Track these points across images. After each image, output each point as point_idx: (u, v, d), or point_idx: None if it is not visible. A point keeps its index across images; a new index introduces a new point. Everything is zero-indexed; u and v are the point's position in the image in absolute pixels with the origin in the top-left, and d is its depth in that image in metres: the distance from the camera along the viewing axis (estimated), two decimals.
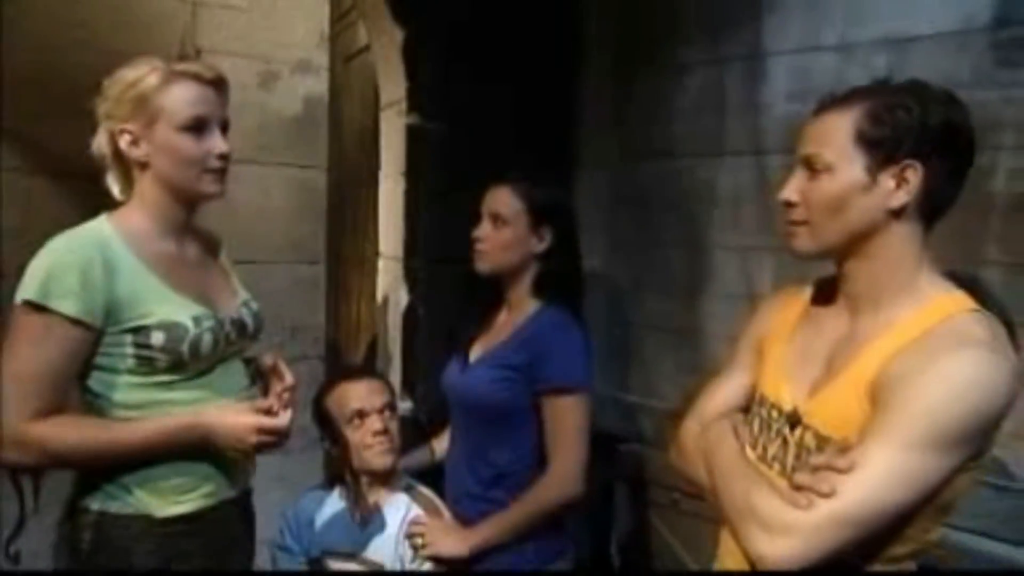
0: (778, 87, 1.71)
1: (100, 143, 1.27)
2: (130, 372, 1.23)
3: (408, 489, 1.67)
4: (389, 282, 1.91)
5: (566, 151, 2.09)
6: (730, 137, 1.80)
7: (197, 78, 1.27)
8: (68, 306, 1.14)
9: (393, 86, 1.91)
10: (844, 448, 0.91)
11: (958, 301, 0.95)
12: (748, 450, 1.08)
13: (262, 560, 1.65)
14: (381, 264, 1.93)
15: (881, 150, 0.93)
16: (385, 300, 2.01)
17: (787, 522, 0.88)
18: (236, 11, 2.44)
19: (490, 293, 1.63)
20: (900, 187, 0.94)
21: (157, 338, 1.22)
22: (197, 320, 1.26)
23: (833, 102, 1.00)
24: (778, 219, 1.13)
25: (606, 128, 2.04)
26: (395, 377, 2.01)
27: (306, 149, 2.56)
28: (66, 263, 1.15)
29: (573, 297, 1.59)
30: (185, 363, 1.25)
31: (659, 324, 2.00)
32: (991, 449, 0.95)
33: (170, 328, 1.23)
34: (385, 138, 2.00)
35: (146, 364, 1.23)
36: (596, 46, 2.05)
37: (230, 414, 1.27)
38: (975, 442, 0.89)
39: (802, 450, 1.00)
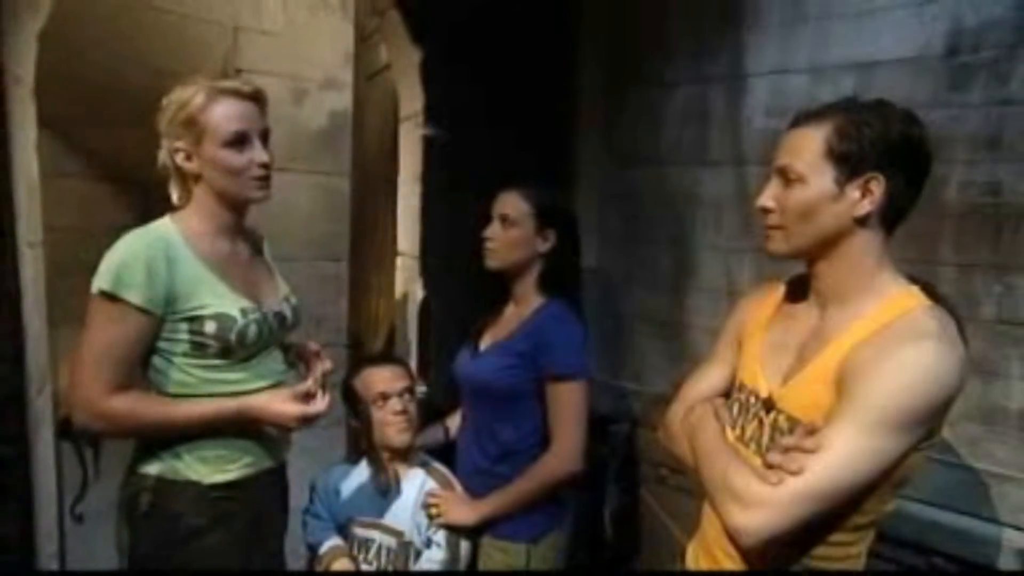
0: (756, 104, 1.80)
1: (163, 156, 1.36)
2: (185, 355, 1.33)
3: (424, 464, 1.76)
4: (406, 278, 2.01)
5: (564, 159, 2.18)
6: (713, 148, 1.88)
7: (237, 94, 1.33)
8: (136, 295, 1.23)
9: (411, 101, 2.01)
10: (811, 430, 0.97)
11: (915, 297, 1.00)
12: (728, 431, 1.13)
13: (295, 525, 1.76)
14: (399, 262, 2.03)
15: (848, 164, 0.98)
16: (403, 294, 2.11)
17: (760, 497, 0.94)
18: (271, 36, 2.55)
19: (499, 288, 1.71)
20: (865, 197, 0.99)
21: (210, 327, 1.31)
22: (244, 312, 1.35)
23: (806, 117, 1.04)
24: (756, 223, 1.19)
25: (599, 138, 2.14)
26: (411, 363, 2.11)
27: (332, 158, 2.66)
28: (135, 258, 1.25)
29: (574, 292, 1.67)
30: (232, 349, 1.34)
31: (647, 316, 2.09)
32: (941, 430, 1.00)
33: (221, 319, 1.32)
34: (403, 147, 2.10)
35: (199, 349, 1.33)
36: (590, 65, 2.15)
37: (276, 402, 1.36)
38: (927, 424, 0.94)
39: (775, 431, 1.05)
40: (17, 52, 1.71)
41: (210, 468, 1.37)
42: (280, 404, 1.36)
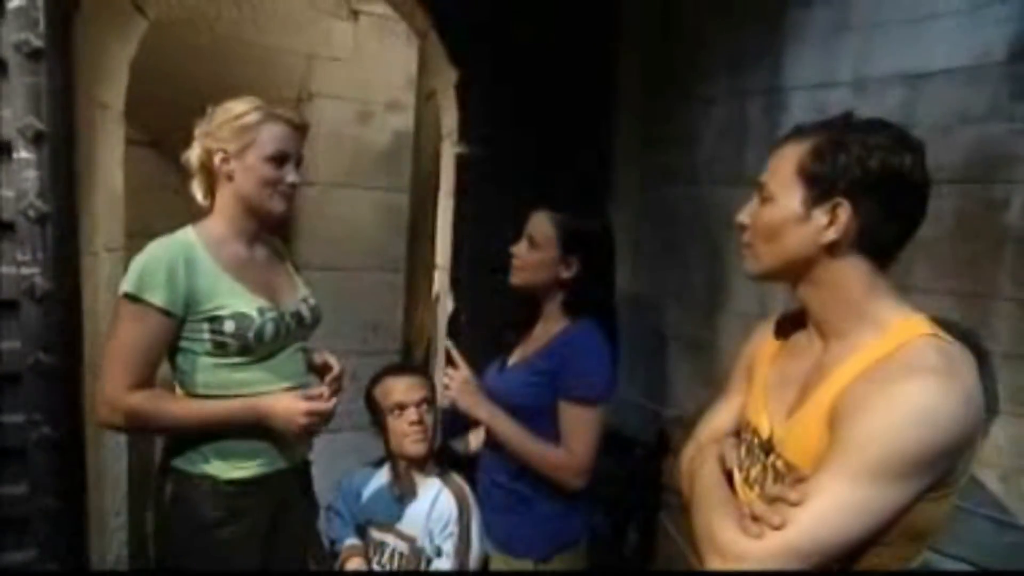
0: (795, 119, 1.55)
1: (192, 155, 1.36)
2: (207, 354, 1.30)
3: (441, 474, 1.66)
4: (440, 289, 1.93)
5: (601, 177, 2.02)
6: (749, 165, 1.67)
7: (288, 122, 1.36)
8: (157, 297, 1.22)
9: (449, 119, 1.93)
10: (800, 479, 0.83)
11: (914, 326, 0.84)
12: (736, 472, 1.00)
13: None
14: (436, 273, 1.95)
15: (818, 186, 0.85)
16: (437, 305, 2.03)
17: (739, 551, 0.82)
18: (341, 62, 2.58)
19: (531, 305, 1.57)
20: (832, 224, 0.85)
21: (229, 326, 1.28)
22: (261, 311, 1.32)
23: (794, 133, 0.91)
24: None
25: (635, 155, 1.96)
26: (438, 374, 2.02)
27: (392, 174, 2.66)
28: (157, 262, 1.24)
29: (604, 314, 1.50)
30: (251, 348, 1.31)
31: (678, 337, 1.89)
32: (965, 476, 0.83)
33: (239, 318, 1.29)
34: (443, 164, 2.03)
35: (220, 348, 1.30)
36: (628, 82, 1.97)
37: (284, 400, 1.32)
38: (933, 470, 0.77)
39: (776, 475, 0.91)
40: (106, 80, 1.78)
41: (227, 464, 1.33)
42: (288, 401, 1.32)
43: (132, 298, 1.23)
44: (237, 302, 1.31)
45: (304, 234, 2.56)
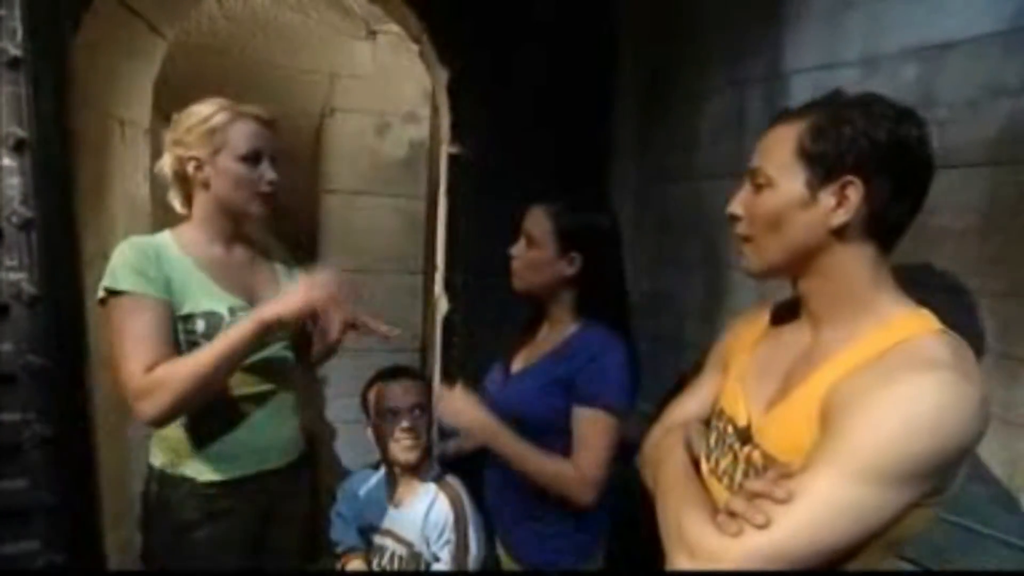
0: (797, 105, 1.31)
1: (165, 164, 1.23)
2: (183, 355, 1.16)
3: (438, 479, 1.49)
4: (438, 292, 1.75)
5: (598, 176, 1.80)
6: (748, 159, 1.41)
7: (257, 119, 1.22)
8: (136, 285, 1.10)
9: (445, 120, 1.76)
10: (786, 474, 0.67)
11: (924, 320, 0.71)
12: (703, 462, 0.86)
13: None
14: (437, 276, 1.78)
15: (822, 165, 0.72)
16: (435, 308, 1.86)
17: (711, 550, 0.66)
18: (361, 79, 2.47)
19: (529, 307, 1.33)
20: (841, 205, 0.72)
21: (200, 325, 1.15)
22: (232, 311, 1.19)
23: (785, 115, 0.78)
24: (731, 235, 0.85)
25: (633, 152, 1.72)
26: (435, 376, 1.84)
27: (410, 183, 2.53)
28: (123, 257, 1.12)
29: (618, 317, 1.24)
30: None
31: (678, 338, 1.64)
32: (955, 486, 0.68)
33: (209, 317, 1.16)
34: (441, 166, 1.85)
35: (194, 347, 1.15)
36: (627, 78, 1.74)
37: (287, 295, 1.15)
38: (934, 478, 0.64)
39: (750, 468, 0.77)
40: (125, 97, 1.70)
41: (204, 467, 1.21)
42: (289, 294, 1.14)
43: (115, 292, 1.10)
44: (208, 300, 1.17)
45: (328, 240, 2.46)
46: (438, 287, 1.71)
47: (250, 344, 1.13)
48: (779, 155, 0.75)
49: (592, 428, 1.15)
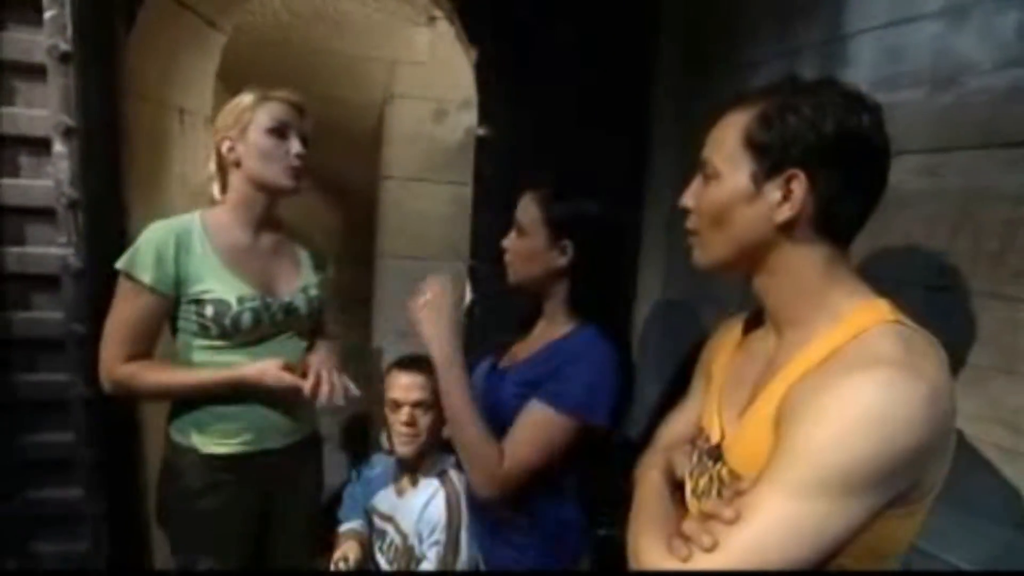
0: (860, 74, 1.08)
1: (210, 161, 1.32)
2: (195, 335, 1.26)
3: (441, 474, 1.46)
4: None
5: (633, 159, 1.65)
6: None
7: (283, 100, 1.28)
8: (147, 276, 1.19)
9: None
10: (740, 491, 0.65)
11: (874, 312, 0.66)
12: (687, 482, 0.83)
13: None
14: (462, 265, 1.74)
15: (768, 157, 0.68)
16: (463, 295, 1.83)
17: (664, 573, 0.65)
18: (420, 66, 2.49)
19: (536, 304, 1.22)
20: (786, 200, 0.67)
21: (208, 310, 1.22)
22: (241, 300, 1.24)
23: (738, 101, 0.73)
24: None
25: (671, 141, 1.54)
26: None
27: (463, 169, 2.50)
28: (148, 243, 1.20)
29: (611, 317, 1.16)
30: (229, 334, 1.24)
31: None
32: (936, 489, 0.64)
33: (218, 304, 1.23)
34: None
35: (204, 330, 1.24)
36: (667, 58, 1.56)
37: (258, 363, 1.24)
38: (891, 483, 0.59)
39: (722, 486, 0.74)
40: (183, 88, 1.84)
41: (207, 440, 1.29)
42: (262, 363, 1.23)
43: (126, 275, 1.20)
44: (221, 288, 1.23)
45: (384, 226, 2.52)
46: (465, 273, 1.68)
47: (221, 389, 1.24)
48: (727, 145, 0.71)
49: (528, 420, 1.04)
